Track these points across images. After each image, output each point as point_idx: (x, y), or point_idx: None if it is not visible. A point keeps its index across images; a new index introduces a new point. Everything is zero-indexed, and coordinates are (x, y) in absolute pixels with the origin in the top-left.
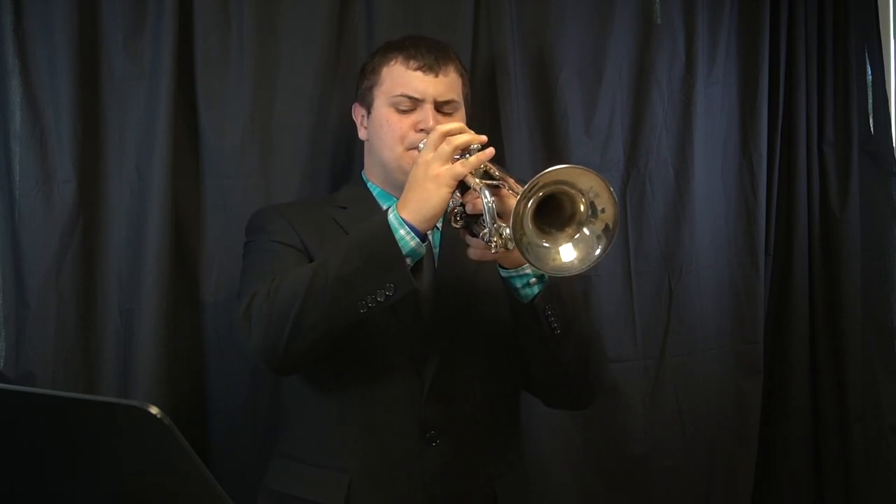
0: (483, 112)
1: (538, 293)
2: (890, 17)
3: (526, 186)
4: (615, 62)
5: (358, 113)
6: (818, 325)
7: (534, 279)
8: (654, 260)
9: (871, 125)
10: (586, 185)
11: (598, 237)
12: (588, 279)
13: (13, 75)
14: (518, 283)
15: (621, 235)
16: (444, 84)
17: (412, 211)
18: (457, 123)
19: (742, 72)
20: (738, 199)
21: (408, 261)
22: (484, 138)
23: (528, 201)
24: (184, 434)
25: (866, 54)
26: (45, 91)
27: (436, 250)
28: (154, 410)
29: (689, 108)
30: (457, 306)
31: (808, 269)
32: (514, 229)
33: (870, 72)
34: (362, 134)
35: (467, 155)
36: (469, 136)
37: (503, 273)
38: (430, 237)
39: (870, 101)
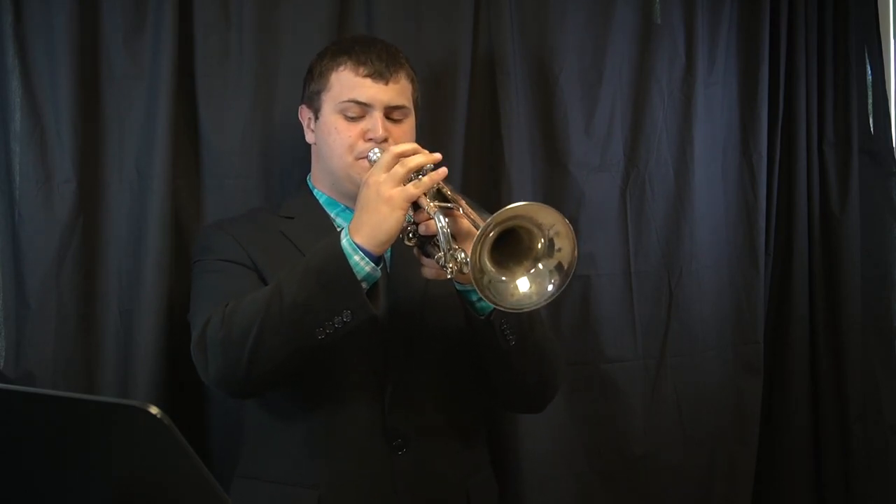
0: (483, 112)
1: (493, 308)
2: (890, 17)
3: (481, 228)
4: (615, 62)
5: (305, 115)
6: (818, 324)
7: None
8: (654, 260)
9: (871, 125)
10: (547, 221)
11: (551, 272)
12: (588, 279)
13: (13, 75)
14: (473, 297)
15: (621, 235)
16: (395, 91)
17: (366, 235)
18: (410, 144)
19: (742, 72)
20: (738, 199)
21: (363, 285)
22: (438, 156)
23: (485, 240)
24: (184, 434)
25: (866, 54)
26: (45, 91)
27: (387, 256)
28: (154, 410)
29: (689, 108)
30: (412, 316)
31: (808, 269)
32: (472, 271)
33: (870, 72)
34: (309, 137)
35: (420, 175)
36: (423, 158)
37: (458, 287)
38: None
39: (870, 101)
